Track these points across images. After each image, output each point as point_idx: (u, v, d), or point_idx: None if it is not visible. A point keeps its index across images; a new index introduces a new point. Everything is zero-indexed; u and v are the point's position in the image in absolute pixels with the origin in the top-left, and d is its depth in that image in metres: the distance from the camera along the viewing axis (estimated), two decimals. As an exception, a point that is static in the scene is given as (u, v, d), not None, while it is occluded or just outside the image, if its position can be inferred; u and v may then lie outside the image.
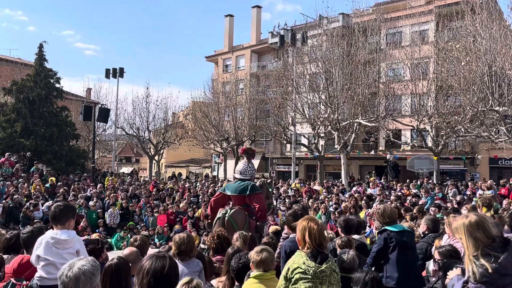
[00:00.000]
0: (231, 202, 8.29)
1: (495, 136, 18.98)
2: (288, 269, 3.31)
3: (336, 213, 12.26)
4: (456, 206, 10.28)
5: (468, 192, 14.77)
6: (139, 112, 35.06)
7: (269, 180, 17.45)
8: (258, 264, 3.53)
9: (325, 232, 3.49)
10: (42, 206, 13.72)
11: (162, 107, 35.90)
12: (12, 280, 3.86)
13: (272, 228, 6.96)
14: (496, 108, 17.98)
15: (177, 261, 4.03)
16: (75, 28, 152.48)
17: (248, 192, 7.89)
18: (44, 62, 25.86)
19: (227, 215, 7.65)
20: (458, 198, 13.01)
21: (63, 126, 25.91)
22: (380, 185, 17.03)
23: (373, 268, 4.65)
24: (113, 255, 3.83)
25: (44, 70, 25.69)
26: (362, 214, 12.34)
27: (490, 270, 2.81)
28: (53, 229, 3.97)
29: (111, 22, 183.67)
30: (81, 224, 13.81)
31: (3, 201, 13.83)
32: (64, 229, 3.93)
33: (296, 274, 3.27)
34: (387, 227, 4.61)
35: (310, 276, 3.24)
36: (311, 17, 31.15)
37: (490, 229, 2.96)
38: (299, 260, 3.32)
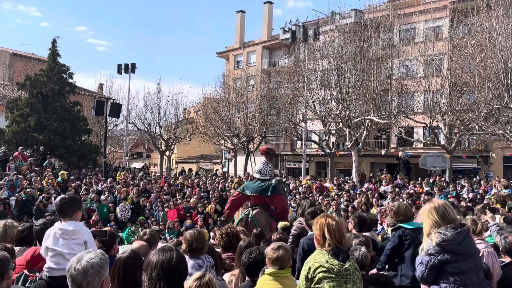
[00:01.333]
0: (249, 202, 8.27)
1: (510, 134, 18.66)
2: (309, 268, 3.21)
3: (349, 209, 12.15)
4: (470, 204, 10.12)
5: (480, 191, 14.53)
6: (150, 107, 35.27)
7: (284, 179, 17.35)
8: (274, 261, 3.47)
9: (344, 227, 3.42)
10: (55, 199, 13.86)
11: (173, 102, 36.05)
12: (25, 271, 3.91)
13: (281, 224, 6.90)
14: (511, 106, 17.66)
15: (187, 257, 4.02)
16: (88, 24, 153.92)
17: (269, 193, 7.88)
18: (57, 58, 26.09)
19: (249, 215, 7.67)
20: (470, 195, 12.82)
21: (76, 121, 26.15)
22: (395, 184, 16.87)
23: (386, 266, 4.56)
24: (123, 249, 3.82)
25: (57, 65, 25.92)
26: (373, 211, 12.26)
27: (433, 244, 3.26)
28: (61, 221, 4.00)
29: (123, 18, 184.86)
30: (93, 218, 13.96)
31: (16, 194, 14.03)
32: (71, 220, 3.96)
33: (319, 273, 3.16)
34: (401, 224, 4.52)
35: (334, 275, 3.13)
36: (323, 13, 30.94)
37: (448, 214, 3.37)
38: (321, 258, 3.21)
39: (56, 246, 3.79)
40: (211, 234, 12.52)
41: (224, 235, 5.04)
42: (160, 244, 4.87)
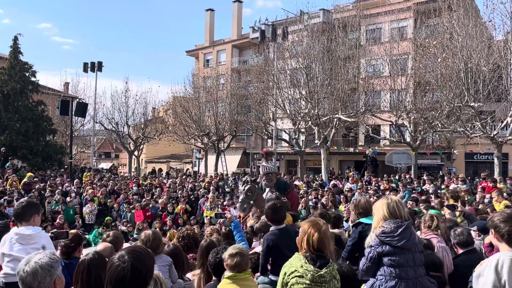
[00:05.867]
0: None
1: (471, 132, 19.39)
2: (285, 273, 3.13)
3: (318, 207, 12.31)
4: (425, 198, 10.51)
5: (443, 186, 15.07)
6: (118, 106, 34.58)
7: (253, 178, 17.47)
8: (232, 268, 3.46)
9: (327, 237, 3.24)
10: (17, 202, 13.41)
11: (142, 101, 35.54)
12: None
13: (251, 223, 6.95)
14: (471, 104, 18.37)
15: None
16: (52, 21, 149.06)
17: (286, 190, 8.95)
18: (19, 55, 25.23)
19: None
20: (430, 190, 13.29)
21: (39, 120, 25.36)
22: (363, 181, 17.25)
23: (347, 262, 4.67)
24: (87, 251, 3.77)
25: (19, 63, 25.06)
26: (341, 208, 12.50)
27: (373, 236, 3.34)
28: (18, 226, 3.91)
29: (89, 16, 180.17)
30: (57, 220, 13.59)
31: (-23, 197, 13.49)
32: (29, 225, 3.88)
33: (292, 278, 3.05)
34: (362, 220, 4.62)
35: (308, 281, 2.99)
36: (292, 13, 31.18)
37: (398, 210, 3.40)
38: (297, 263, 3.10)
39: (12, 251, 3.71)
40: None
41: (181, 238, 5.08)
42: (126, 245, 4.83)
